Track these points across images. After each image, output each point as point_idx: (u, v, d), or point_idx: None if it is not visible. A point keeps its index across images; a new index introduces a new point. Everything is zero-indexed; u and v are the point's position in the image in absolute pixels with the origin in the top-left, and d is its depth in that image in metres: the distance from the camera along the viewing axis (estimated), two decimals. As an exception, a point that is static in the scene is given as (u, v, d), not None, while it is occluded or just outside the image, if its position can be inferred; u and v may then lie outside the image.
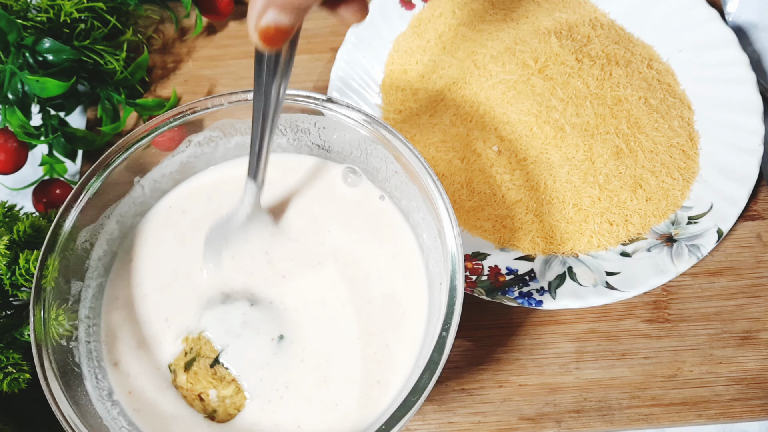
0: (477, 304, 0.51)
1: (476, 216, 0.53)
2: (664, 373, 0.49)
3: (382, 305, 0.42)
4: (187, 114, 0.43)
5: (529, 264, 0.51)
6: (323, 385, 0.40)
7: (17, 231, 0.45)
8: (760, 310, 0.51)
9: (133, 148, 0.43)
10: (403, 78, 0.59)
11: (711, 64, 0.56)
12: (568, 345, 0.51)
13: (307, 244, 0.44)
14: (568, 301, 0.48)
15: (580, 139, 0.53)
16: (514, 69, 0.56)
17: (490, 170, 0.54)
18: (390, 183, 0.44)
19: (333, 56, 0.61)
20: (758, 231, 0.53)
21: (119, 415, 0.40)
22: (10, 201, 0.57)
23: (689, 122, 0.55)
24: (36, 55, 0.55)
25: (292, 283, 0.43)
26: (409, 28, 0.61)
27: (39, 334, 0.38)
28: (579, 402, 0.49)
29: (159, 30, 0.66)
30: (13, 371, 0.42)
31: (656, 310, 0.51)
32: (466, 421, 0.49)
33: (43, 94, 0.54)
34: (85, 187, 0.41)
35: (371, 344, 0.41)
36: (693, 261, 0.49)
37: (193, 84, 0.64)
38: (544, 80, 0.54)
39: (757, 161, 0.52)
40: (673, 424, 0.48)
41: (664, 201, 0.52)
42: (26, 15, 0.56)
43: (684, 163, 0.53)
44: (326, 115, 0.43)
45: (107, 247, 0.43)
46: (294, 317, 0.42)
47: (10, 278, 0.44)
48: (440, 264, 0.39)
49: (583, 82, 0.54)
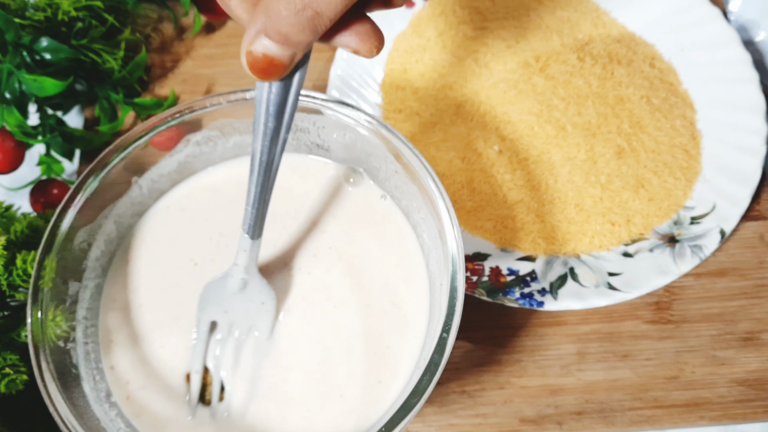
0: (478, 305, 0.51)
1: (477, 216, 0.52)
2: (667, 374, 0.49)
3: (382, 306, 0.42)
4: (185, 113, 0.43)
5: (531, 265, 0.50)
6: (322, 386, 0.40)
7: (14, 231, 0.45)
8: (763, 310, 0.51)
9: (131, 147, 0.42)
10: (403, 77, 0.59)
11: (713, 63, 0.56)
12: (569, 346, 0.50)
13: (307, 244, 0.44)
14: (569, 302, 0.48)
15: (581, 138, 0.52)
16: (515, 68, 0.55)
17: (490, 170, 0.53)
18: (390, 183, 0.44)
19: (332, 55, 0.61)
20: (761, 231, 0.53)
21: (117, 416, 0.39)
22: (7, 201, 0.56)
23: (691, 122, 0.55)
24: (33, 54, 0.54)
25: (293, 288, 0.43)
26: (409, 26, 0.61)
27: (36, 335, 0.37)
28: (581, 404, 0.49)
29: (157, 29, 0.66)
30: (11, 372, 0.42)
31: (658, 311, 0.51)
32: (466, 423, 0.49)
33: (40, 93, 0.53)
34: (83, 187, 0.41)
35: (372, 345, 0.41)
36: (695, 261, 0.49)
37: (191, 83, 0.63)
38: (545, 79, 0.54)
39: (759, 161, 0.51)
40: (675, 426, 0.48)
41: (667, 201, 0.52)
42: (24, 14, 0.55)
43: (686, 163, 0.53)
44: (326, 114, 0.43)
45: (105, 248, 0.43)
46: (293, 316, 0.42)
47: (7, 279, 0.44)
48: (441, 265, 0.39)
49: (584, 81, 0.54)
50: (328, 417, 0.39)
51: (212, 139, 0.45)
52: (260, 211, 0.37)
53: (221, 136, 0.45)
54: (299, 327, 0.41)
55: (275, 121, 0.33)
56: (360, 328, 0.41)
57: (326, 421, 0.39)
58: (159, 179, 0.45)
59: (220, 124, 0.44)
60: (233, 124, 0.44)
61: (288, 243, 0.44)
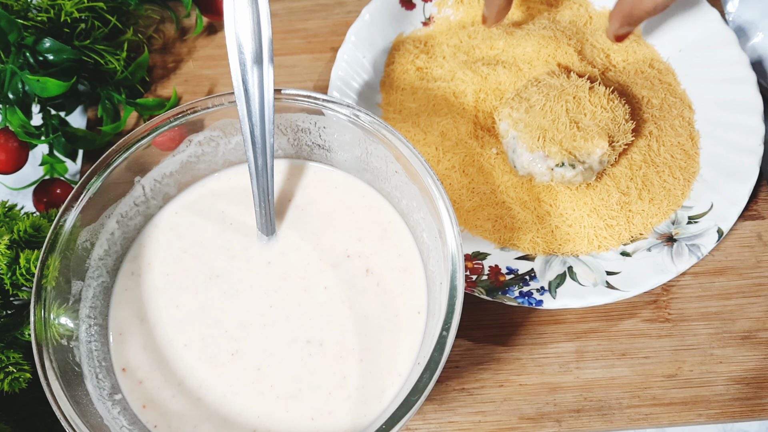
0: (477, 303, 0.51)
1: (476, 216, 0.53)
2: (665, 372, 0.49)
3: (382, 305, 0.42)
4: (187, 114, 0.43)
5: (530, 263, 0.51)
6: (322, 384, 0.40)
7: (18, 231, 0.45)
8: (761, 309, 0.51)
9: (134, 147, 0.43)
10: (404, 78, 0.59)
11: (711, 63, 0.56)
12: (568, 344, 0.51)
13: (306, 244, 0.44)
14: (568, 300, 0.48)
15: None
16: (515, 68, 0.56)
17: (490, 170, 0.54)
18: (390, 183, 0.44)
19: (333, 56, 0.61)
20: (758, 230, 0.53)
21: (120, 414, 0.40)
22: (11, 201, 0.57)
23: (690, 122, 0.55)
24: (36, 54, 0.55)
25: (292, 282, 0.43)
26: (409, 27, 0.61)
27: (39, 334, 0.38)
28: (579, 401, 0.49)
29: (159, 30, 0.66)
30: (14, 371, 0.42)
31: (656, 310, 0.51)
32: (466, 421, 0.49)
33: (43, 93, 0.54)
34: (86, 186, 0.41)
35: (371, 343, 0.41)
36: (693, 260, 0.49)
37: (193, 84, 0.64)
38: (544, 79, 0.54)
39: (757, 161, 0.52)
40: (673, 423, 0.48)
41: (666, 201, 0.52)
42: (27, 15, 0.56)
43: (685, 163, 0.53)
44: (326, 114, 0.43)
45: (108, 247, 0.44)
46: (293, 316, 0.42)
47: (11, 278, 0.44)
48: (440, 264, 0.39)
49: (583, 82, 0.54)
50: (326, 415, 0.40)
51: (214, 139, 0.45)
52: (266, 210, 0.43)
53: (223, 136, 0.45)
54: (298, 326, 0.42)
55: (260, 131, 0.41)
56: (359, 325, 0.42)
57: (324, 419, 0.40)
58: (162, 179, 0.45)
59: (222, 124, 0.45)
60: (235, 124, 0.45)
61: (287, 243, 0.44)
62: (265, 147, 0.41)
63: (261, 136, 0.41)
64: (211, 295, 0.43)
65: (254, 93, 0.41)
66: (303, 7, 0.66)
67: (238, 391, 0.40)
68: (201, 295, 0.43)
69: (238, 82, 0.40)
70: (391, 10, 0.61)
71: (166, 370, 0.41)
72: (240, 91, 0.41)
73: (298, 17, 0.66)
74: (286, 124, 0.45)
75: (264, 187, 0.42)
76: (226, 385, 0.41)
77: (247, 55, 0.40)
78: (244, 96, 0.41)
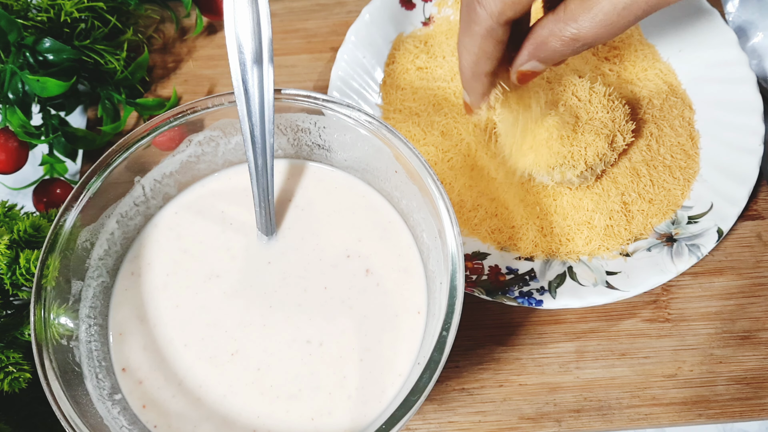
0: (477, 303, 0.51)
1: (476, 216, 0.53)
2: (665, 372, 0.49)
3: (382, 305, 0.42)
4: (187, 113, 0.43)
5: (530, 264, 0.51)
6: (322, 384, 0.40)
7: (18, 230, 0.45)
8: (761, 309, 0.51)
9: (134, 147, 0.43)
10: (404, 77, 0.59)
11: (711, 63, 0.56)
12: (568, 344, 0.51)
13: (306, 244, 0.44)
14: (568, 300, 0.48)
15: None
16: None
17: (490, 170, 0.54)
18: (390, 183, 0.44)
19: (333, 56, 0.61)
20: (758, 230, 0.54)
21: (120, 414, 0.40)
22: (11, 200, 0.57)
23: (690, 122, 0.55)
24: (36, 54, 0.55)
25: (292, 282, 0.43)
26: (409, 27, 0.61)
27: (39, 334, 0.38)
28: (579, 401, 0.49)
29: (159, 30, 0.66)
30: (14, 371, 0.42)
31: (656, 310, 0.51)
32: (466, 421, 0.49)
33: (43, 93, 0.54)
34: (86, 186, 0.41)
35: (371, 343, 0.41)
36: (693, 260, 0.49)
37: (193, 83, 0.64)
38: (543, 78, 0.54)
39: (757, 161, 0.52)
40: (673, 423, 0.48)
41: (666, 201, 0.52)
42: (26, 15, 0.56)
43: (685, 163, 0.53)
44: (326, 114, 0.43)
45: (108, 247, 0.44)
46: (293, 316, 0.42)
47: (11, 278, 0.44)
48: (440, 264, 0.39)
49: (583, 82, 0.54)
50: (325, 415, 0.40)
51: (214, 139, 0.45)
52: (266, 210, 0.43)
53: (223, 136, 0.45)
54: (298, 325, 0.42)
55: (260, 131, 0.41)
56: (359, 325, 0.42)
57: (324, 419, 0.40)
58: (162, 179, 0.45)
59: (222, 124, 0.45)
60: (235, 124, 0.45)
61: (287, 243, 0.45)
62: (265, 147, 0.41)
63: (261, 136, 0.41)
64: (211, 295, 0.43)
65: (254, 93, 0.41)
66: (303, 7, 0.66)
67: (238, 391, 0.40)
68: (201, 295, 0.43)
69: (238, 82, 0.40)
70: (391, 10, 0.61)
71: (166, 370, 0.41)
72: (240, 91, 0.41)
73: (298, 17, 0.66)
74: (286, 124, 0.45)
75: (264, 187, 0.42)
76: (226, 385, 0.41)
77: (247, 55, 0.40)
78: (244, 96, 0.41)
